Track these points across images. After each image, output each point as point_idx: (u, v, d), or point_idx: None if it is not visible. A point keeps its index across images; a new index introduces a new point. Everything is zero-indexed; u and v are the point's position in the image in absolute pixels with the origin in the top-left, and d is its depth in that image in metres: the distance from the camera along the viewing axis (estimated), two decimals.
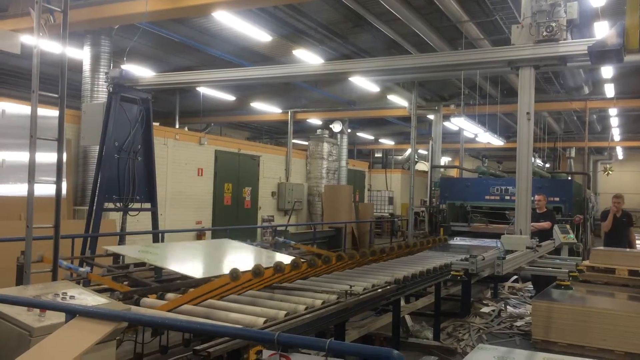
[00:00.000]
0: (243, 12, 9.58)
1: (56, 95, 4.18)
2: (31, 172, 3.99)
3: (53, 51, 4.32)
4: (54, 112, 4.61)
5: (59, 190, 4.18)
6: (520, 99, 5.93)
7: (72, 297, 3.24)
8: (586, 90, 15.01)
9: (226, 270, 4.02)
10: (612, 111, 18.15)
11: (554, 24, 5.52)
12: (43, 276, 4.31)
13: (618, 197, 9.82)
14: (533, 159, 22.77)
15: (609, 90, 14.96)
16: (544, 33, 5.58)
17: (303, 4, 10.07)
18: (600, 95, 15.74)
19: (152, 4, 8.41)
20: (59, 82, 4.16)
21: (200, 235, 13.56)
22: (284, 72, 7.49)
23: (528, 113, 5.83)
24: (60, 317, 2.86)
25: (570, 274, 6.27)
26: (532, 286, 9.57)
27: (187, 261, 5.47)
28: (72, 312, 2.69)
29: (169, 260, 5.42)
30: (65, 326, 2.66)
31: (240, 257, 5.89)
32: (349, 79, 11.45)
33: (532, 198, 10.18)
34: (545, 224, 9.05)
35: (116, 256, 5.43)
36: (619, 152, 28.02)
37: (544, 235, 8.99)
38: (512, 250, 5.92)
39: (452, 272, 5.07)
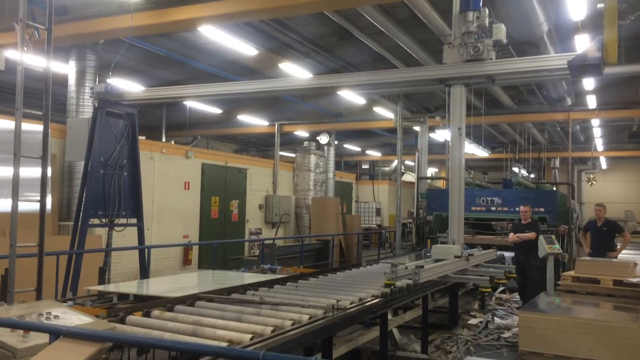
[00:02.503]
0: (229, 26, 9.62)
1: (40, 113, 4.16)
2: (15, 191, 3.96)
3: (38, 66, 4.31)
4: (38, 127, 4.60)
5: (43, 208, 4.15)
6: (452, 115, 6.19)
7: (56, 316, 3.21)
8: (569, 101, 15.24)
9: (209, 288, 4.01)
10: (595, 122, 18.41)
11: (480, 45, 5.78)
12: (28, 295, 4.26)
13: (599, 205, 10.01)
14: (518, 169, 23.01)
15: (591, 102, 15.19)
16: (472, 53, 5.82)
17: (289, 17, 10.14)
18: (582, 107, 15.96)
19: (137, 18, 8.41)
20: (43, 100, 4.15)
21: (187, 249, 13.49)
22: (271, 87, 7.52)
23: (459, 128, 6.10)
24: (44, 337, 2.83)
25: (497, 280, 6.26)
26: (519, 296, 9.63)
27: (171, 287, 5.50)
28: (57, 333, 2.67)
29: (153, 289, 5.44)
30: (50, 347, 2.64)
31: (222, 282, 5.87)
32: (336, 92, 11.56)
33: (518, 209, 10.39)
34: (530, 235, 9.12)
35: (100, 293, 5.41)
36: (603, 162, 28.39)
37: (529, 245, 9.08)
38: (441, 259, 6.04)
39: (385, 282, 5.21)
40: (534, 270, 9.00)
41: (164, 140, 17.45)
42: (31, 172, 5.00)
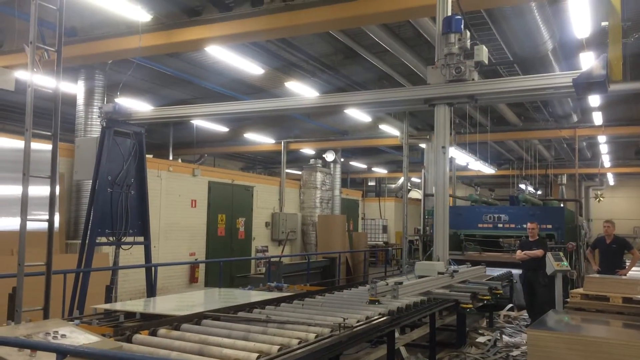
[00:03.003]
0: (235, 46, 9.74)
1: (49, 133, 4.22)
2: (24, 210, 3.99)
3: (47, 87, 4.38)
4: (46, 146, 4.66)
5: (51, 228, 4.18)
6: (436, 134, 6.30)
7: (63, 335, 3.22)
8: (575, 118, 15.25)
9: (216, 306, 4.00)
10: (601, 138, 18.39)
11: (462, 66, 5.92)
12: (35, 314, 4.27)
13: (608, 221, 9.95)
14: (524, 186, 22.93)
15: (597, 118, 15.19)
16: (454, 74, 5.97)
17: (295, 37, 10.26)
18: (588, 123, 15.97)
19: (145, 39, 8.53)
20: (52, 120, 4.20)
21: (193, 267, 13.49)
22: (278, 106, 7.56)
23: (443, 147, 6.20)
24: (51, 357, 2.84)
25: (481, 296, 6.23)
26: (527, 314, 9.54)
27: (177, 306, 5.49)
28: (64, 352, 2.68)
29: (159, 307, 5.44)
30: None
31: (228, 301, 5.86)
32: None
33: (525, 226, 10.35)
34: (538, 252, 9.08)
35: (107, 312, 5.42)
36: (610, 179, 28.27)
37: (537, 263, 9.03)
38: (425, 275, 6.08)
39: (369, 298, 5.26)
40: (542, 287, 8.94)
41: (171, 158, 17.55)
42: (39, 190, 5.05)
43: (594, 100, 13.00)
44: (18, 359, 2.89)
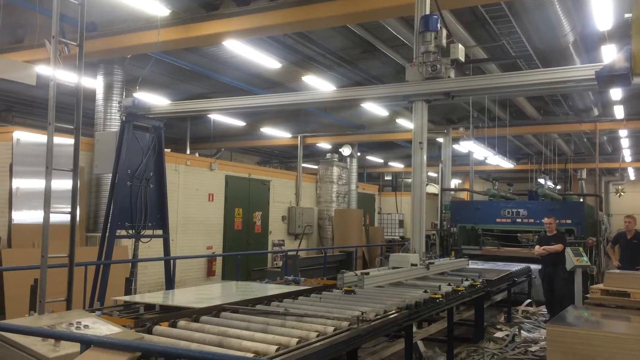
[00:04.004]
0: (253, 40, 9.75)
1: (71, 126, 4.27)
2: (47, 203, 4.05)
3: (67, 82, 4.43)
4: (67, 140, 4.71)
5: (73, 220, 4.24)
6: (414, 129, 6.46)
7: (86, 326, 3.27)
8: (596, 111, 15.03)
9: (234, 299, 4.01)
10: (623, 132, 18.10)
11: (438, 64, 6.10)
12: (57, 304, 4.34)
13: (629, 217, 9.81)
14: (543, 180, 22.66)
15: (619, 112, 14.94)
16: (430, 71, 6.14)
17: (312, 31, 10.24)
18: (610, 117, 15.72)
19: (164, 34, 8.59)
20: (75, 114, 4.25)
21: (211, 260, 13.59)
22: (295, 100, 7.57)
23: (421, 142, 6.34)
24: (75, 346, 2.88)
25: (457, 287, 6.20)
26: (546, 310, 9.47)
27: (196, 298, 5.53)
28: (88, 342, 2.72)
29: (178, 300, 5.48)
30: (81, 356, 2.68)
31: (246, 294, 5.90)
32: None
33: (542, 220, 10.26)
34: (557, 247, 8.98)
35: (127, 304, 5.48)
36: (631, 173, 27.84)
37: (556, 258, 8.94)
38: (398, 267, 6.16)
39: (345, 289, 5.39)
40: (562, 282, 8.86)
41: (188, 152, 17.66)
42: (60, 184, 5.12)
43: (616, 93, 12.79)
44: (42, 349, 2.94)
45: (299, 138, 19.45)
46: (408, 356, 5.40)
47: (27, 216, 9.88)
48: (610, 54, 8.63)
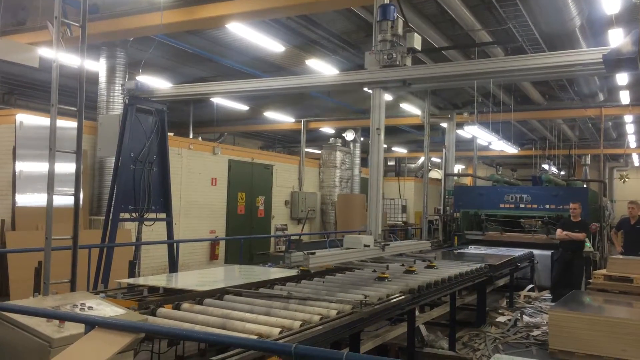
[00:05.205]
0: (256, 23, 9.67)
1: (74, 108, 4.24)
2: (50, 185, 4.04)
3: (70, 64, 4.40)
4: (71, 123, 4.69)
5: (77, 202, 4.23)
6: (372, 115, 6.60)
7: (90, 307, 3.28)
8: (601, 97, 14.92)
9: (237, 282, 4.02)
10: (628, 118, 17.98)
11: (393, 52, 6.25)
12: (61, 286, 4.36)
13: (633, 203, 9.81)
14: (547, 166, 22.58)
15: (624, 97, 14.83)
16: (386, 59, 6.30)
17: (316, 14, 10.15)
18: (615, 102, 15.61)
19: (167, 16, 8.52)
20: (77, 96, 4.23)
21: (214, 244, 13.63)
22: (298, 83, 7.55)
23: (378, 129, 6.50)
24: (79, 327, 2.89)
25: (410, 268, 6.28)
26: (548, 295, 9.50)
27: (199, 281, 5.56)
28: (92, 324, 2.73)
29: (182, 282, 5.50)
30: (85, 337, 2.69)
31: (249, 277, 5.94)
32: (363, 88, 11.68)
33: (547, 206, 10.28)
34: (580, 235, 9.21)
35: (130, 286, 5.50)
36: (635, 159, 27.72)
37: (576, 244, 9.22)
38: (351, 248, 6.35)
39: (300, 268, 5.55)
40: (579, 269, 9.16)
41: (191, 136, 17.64)
42: (63, 167, 5.10)
43: (622, 78, 12.68)
44: (47, 330, 2.95)
45: (302, 122, 19.38)
46: (410, 340, 5.42)
47: (30, 199, 9.90)
48: (618, 38, 8.54)
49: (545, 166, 21.89)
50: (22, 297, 4.16)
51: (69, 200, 4.39)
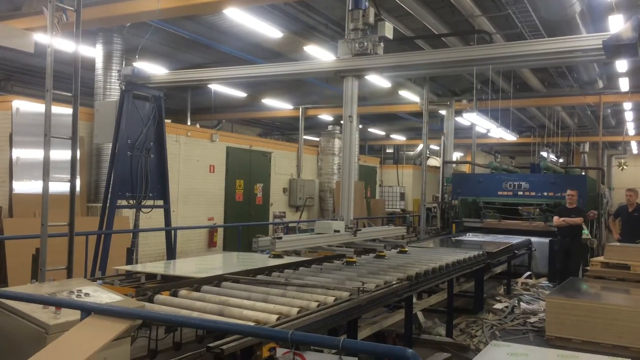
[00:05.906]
0: (254, 8, 9.57)
1: (70, 94, 4.21)
2: (46, 171, 4.02)
3: (66, 49, 4.35)
4: (67, 110, 4.65)
5: (73, 189, 4.21)
6: (344, 103, 6.58)
7: (87, 294, 3.27)
8: (600, 84, 14.85)
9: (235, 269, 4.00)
10: (627, 105, 17.92)
11: (365, 41, 6.29)
12: (58, 273, 4.35)
13: (631, 190, 9.83)
14: (546, 154, 22.58)
15: (624, 84, 14.78)
16: (357, 48, 6.33)
17: (314, 0, 10.05)
18: (614, 90, 15.55)
19: (163, 1, 8.42)
20: (72, 82, 4.19)
21: (212, 231, 13.64)
22: (296, 70, 7.50)
23: (350, 116, 6.47)
24: (75, 314, 2.89)
25: (379, 252, 6.52)
26: (545, 282, 9.54)
27: (197, 268, 5.56)
28: (88, 310, 2.72)
29: (179, 269, 5.50)
30: (81, 324, 2.68)
31: (247, 264, 5.95)
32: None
33: (545, 193, 10.28)
34: (578, 220, 9.31)
35: (128, 273, 5.49)
36: (634, 147, 27.70)
37: (574, 230, 9.31)
38: (321, 233, 6.37)
39: (272, 252, 5.70)
40: (578, 255, 9.32)
41: (189, 123, 17.57)
42: (60, 154, 5.07)
43: (621, 65, 12.62)
44: (43, 316, 2.95)
45: (300, 110, 19.30)
46: (408, 326, 5.43)
47: (27, 186, 9.87)
48: (618, 24, 8.47)
49: (544, 154, 21.83)
50: (20, 284, 4.16)
51: (66, 187, 4.37)
